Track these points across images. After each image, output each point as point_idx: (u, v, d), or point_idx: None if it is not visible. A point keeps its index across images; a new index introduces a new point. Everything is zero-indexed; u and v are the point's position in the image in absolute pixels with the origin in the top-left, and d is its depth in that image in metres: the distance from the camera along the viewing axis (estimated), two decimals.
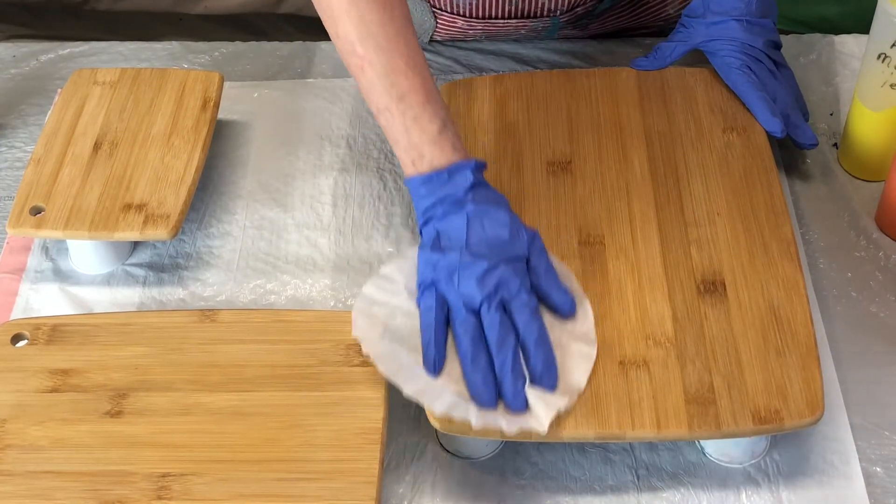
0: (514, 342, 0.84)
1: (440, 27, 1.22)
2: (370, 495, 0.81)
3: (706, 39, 1.10)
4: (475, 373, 0.84)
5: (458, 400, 0.83)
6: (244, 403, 0.87)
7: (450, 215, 0.89)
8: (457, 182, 0.89)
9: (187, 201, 1.01)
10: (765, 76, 1.06)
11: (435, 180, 0.89)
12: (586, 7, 1.19)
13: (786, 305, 0.89)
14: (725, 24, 1.08)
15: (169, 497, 0.82)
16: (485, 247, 0.87)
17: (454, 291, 0.86)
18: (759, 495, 0.87)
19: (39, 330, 0.93)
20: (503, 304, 0.86)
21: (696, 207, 0.97)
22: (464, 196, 0.89)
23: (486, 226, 0.88)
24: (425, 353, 0.86)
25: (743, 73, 1.06)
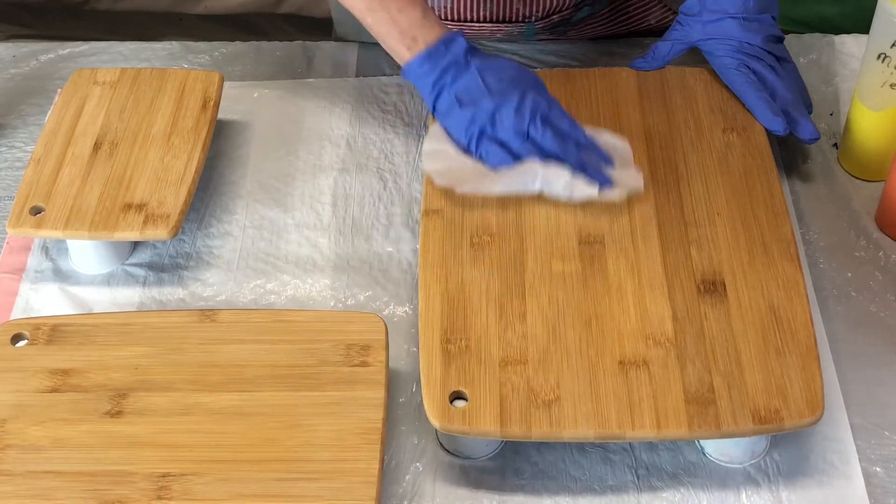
0: (573, 143, 0.97)
1: None
2: (370, 495, 0.81)
3: (703, 38, 1.09)
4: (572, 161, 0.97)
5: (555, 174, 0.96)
6: (244, 403, 0.87)
7: (461, 77, 0.98)
8: (454, 50, 0.99)
9: (187, 201, 1.01)
10: (765, 73, 1.06)
11: (434, 54, 0.98)
12: (563, 15, 1.19)
13: (786, 305, 0.89)
14: (722, 22, 1.08)
15: (169, 497, 0.82)
16: (505, 86, 0.97)
17: (502, 129, 0.97)
18: (759, 495, 0.87)
19: (39, 330, 0.93)
20: (547, 122, 0.97)
21: (696, 207, 0.97)
22: (465, 58, 0.98)
23: (496, 72, 0.98)
24: None
25: (740, 73, 1.05)
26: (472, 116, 0.97)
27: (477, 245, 0.95)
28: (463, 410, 0.85)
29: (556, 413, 0.84)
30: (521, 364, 0.87)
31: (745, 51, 1.07)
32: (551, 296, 0.91)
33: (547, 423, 0.84)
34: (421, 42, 0.99)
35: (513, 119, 0.96)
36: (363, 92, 1.19)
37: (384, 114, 1.17)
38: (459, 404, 0.85)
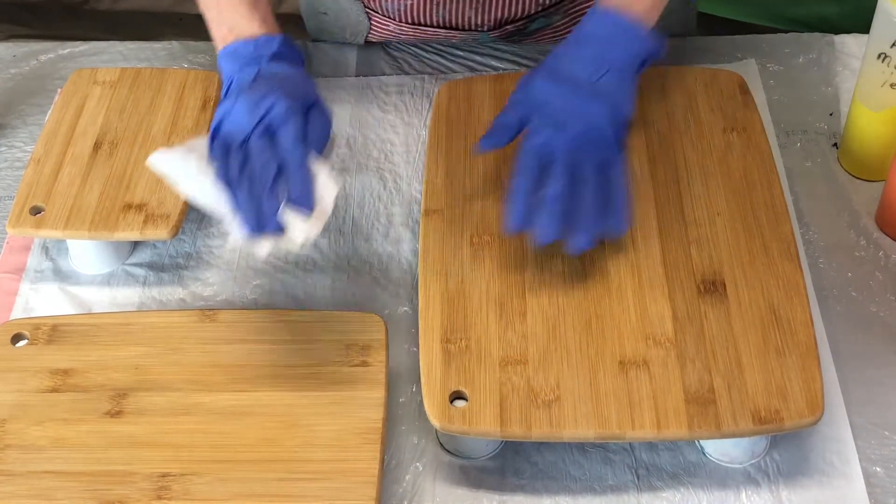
0: (274, 167, 0.85)
1: (374, 28, 1.23)
2: (370, 495, 0.81)
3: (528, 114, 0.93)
4: (238, 195, 0.85)
5: None
6: (244, 403, 0.87)
7: (245, 71, 0.91)
8: (261, 51, 0.92)
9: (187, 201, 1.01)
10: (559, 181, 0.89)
11: (241, 49, 0.93)
12: (516, 26, 1.20)
13: (786, 305, 0.89)
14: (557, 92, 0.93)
15: (169, 497, 0.82)
16: (266, 84, 0.89)
17: (231, 123, 0.88)
18: (759, 495, 0.87)
19: (39, 330, 0.93)
20: (271, 132, 0.87)
21: (696, 207, 0.97)
22: (265, 61, 0.92)
23: (275, 75, 0.91)
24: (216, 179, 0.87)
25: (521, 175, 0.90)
26: (223, 106, 0.90)
27: (477, 245, 0.95)
28: (463, 410, 0.85)
29: (556, 413, 0.84)
30: (521, 364, 0.87)
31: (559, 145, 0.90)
32: (551, 295, 0.91)
33: (547, 423, 0.84)
34: (234, 34, 0.94)
35: (240, 116, 0.87)
36: (363, 92, 1.19)
37: (384, 114, 1.17)
38: (459, 404, 0.85)
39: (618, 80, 0.91)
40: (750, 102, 1.05)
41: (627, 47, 0.92)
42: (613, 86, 0.91)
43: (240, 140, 0.87)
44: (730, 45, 1.22)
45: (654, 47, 0.93)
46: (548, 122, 0.90)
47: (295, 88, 0.89)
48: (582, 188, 0.88)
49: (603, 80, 0.91)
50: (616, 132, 0.90)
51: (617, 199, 0.89)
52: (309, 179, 0.85)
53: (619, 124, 0.90)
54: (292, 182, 0.85)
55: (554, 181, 0.88)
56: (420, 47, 1.23)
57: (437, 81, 1.19)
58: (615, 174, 0.90)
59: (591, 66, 0.91)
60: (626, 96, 0.92)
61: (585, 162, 0.89)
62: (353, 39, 1.24)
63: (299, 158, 0.86)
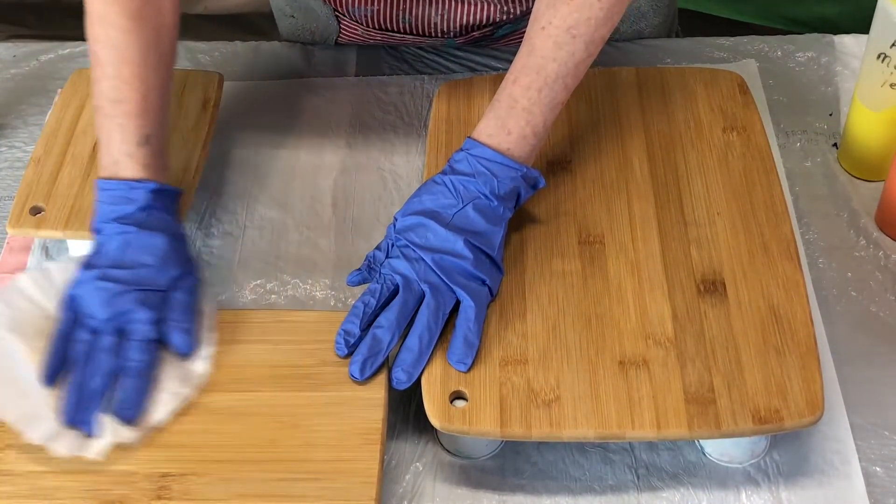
0: (109, 367, 0.86)
1: (343, 31, 1.23)
2: (370, 495, 0.81)
3: None
4: (71, 380, 0.86)
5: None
6: (244, 403, 0.87)
7: (109, 230, 0.91)
8: (133, 198, 0.91)
9: (188, 201, 1.01)
10: None
11: (116, 190, 0.91)
12: (483, 32, 1.20)
13: (786, 305, 0.89)
14: None
15: (169, 497, 0.82)
16: (127, 271, 0.89)
17: (85, 308, 0.88)
18: (759, 495, 0.87)
19: None
20: (121, 330, 0.88)
21: (696, 207, 0.97)
22: (132, 214, 0.91)
23: (137, 250, 0.90)
24: (43, 362, 0.87)
25: None
26: (80, 276, 0.89)
27: None
28: (463, 410, 0.85)
29: (556, 413, 0.84)
30: (521, 364, 0.87)
31: None
32: (551, 295, 0.91)
33: (547, 423, 0.84)
34: (116, 170, 0.92)
35: (94, 308, 0.88)
36: (363, 92, 1.19)
37: (384, 114, 1.17)
38: (459, 404, 0.85)
39: (481, 214, 0.91)
40: (750, 102, 1.05)
41: (492, 181, 0.91)
42: (475, 220, 0.90)
43: (89, 326, 0.88)
44: (730, 44, 1.22)
45: (526, 180, 0.92)
46: (406, 250, 0.91)
47: (157, 273, 0.90)
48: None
49: (463, 213, 0.91)
50: (474, 264, 0.89)
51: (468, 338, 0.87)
52: (142, 390, 0.86)
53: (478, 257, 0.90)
54: (123, 390, 0.86)
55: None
56: (420, 47, 1.23)
57: (437, 81, 1.19)
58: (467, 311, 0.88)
59: (454, 199, 0.91)
60: (492, 230, 0.91)
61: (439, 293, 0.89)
62: (323, 42, 1.24)
63: (137, 368, 0.86)
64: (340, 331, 0.89)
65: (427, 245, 0.90)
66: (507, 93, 0.92)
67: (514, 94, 0.92)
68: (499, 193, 0.91)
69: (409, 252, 0.90)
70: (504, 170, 0.91)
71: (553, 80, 0.91)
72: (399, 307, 0.88)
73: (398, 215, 0.93)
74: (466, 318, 0.88)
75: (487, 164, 0.91)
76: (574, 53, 0.91)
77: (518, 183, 0.92)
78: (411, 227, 0.91)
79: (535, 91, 0.91)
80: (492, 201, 0.91)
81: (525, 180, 0.92)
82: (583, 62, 0.92)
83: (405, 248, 0.91)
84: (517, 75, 0.92)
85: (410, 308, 0.89)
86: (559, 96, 0.92)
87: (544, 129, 0.93)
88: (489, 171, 0.91)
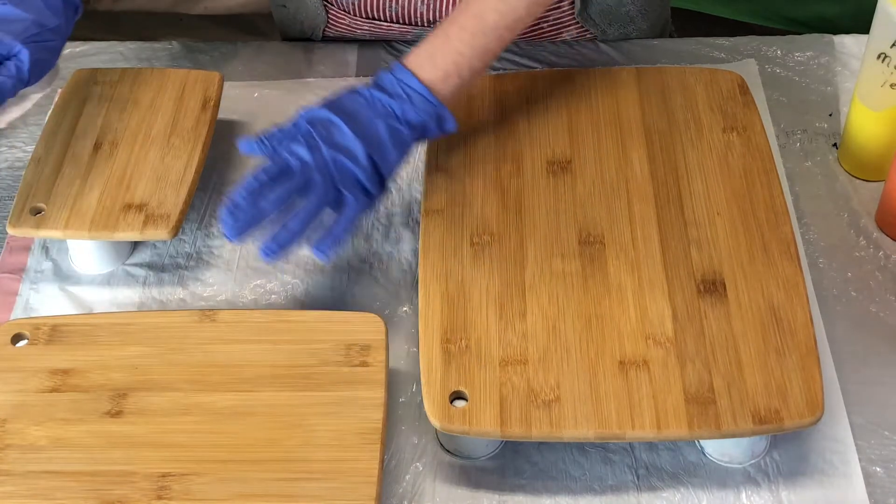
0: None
1: (331, 23, 1.23)
2: (370, 495, 0.81)
3: None
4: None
5: None
6: (244, 403, 0.87)
7: None
8: None
9: (187, 201, 1.01)
10: None
11: None
12: None
13: (786, 305, 0.89)
14: None
15: (169, 497, 0.82)
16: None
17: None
18: (759, 495, 0.87)
19: (39, 330, 0.93)
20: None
21: (696, 207, 0.97)
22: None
23: None
24: None
25: None
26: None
27: (477, 245, 0.95)
28: (463, 410, 0.85)
29: (556, 413, 0.84)
30: (521, 364, 0.87)
31: None
32: (551, 295, 0.91)
33: (547, 423, 0.84)
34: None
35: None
36: None
37: None
38: (459, 404, 0.85)
39: (389, 132, 0.94)
40: (750, 102, 1.05)
41: (407, 106, 0.94)
42: (381, 136, 0.94)
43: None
44: (730, 44, 1.22)
45: (438, 118, 0.95)
46: (311, 140, 0.93)
47: None
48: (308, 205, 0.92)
49: (372, 127, 0.94)
50: (367, 175, 0.93)
51: (334, 231, 0.92)
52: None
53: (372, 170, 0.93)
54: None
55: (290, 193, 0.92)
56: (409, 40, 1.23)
57: None
58: (347, 211, 0.93)
59: (369, 111, 0.94)
60: (392, 151, 0.94)
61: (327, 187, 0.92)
62: (311, 34, 1.25)
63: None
64: (228, 202, 0.91)
65: (331, 142, 0.93)
66: (443, 29, 0.96)
67: (450, 33, 0.96)
68: (409, 120, 0.94)
69: (314, 142, 0.93)
70: (420, 100, 0.94)
71: (490, 29, 0.96)
72: (289, 188, 0.92)
73: (313, 107, 0.95)
74: (345, 216, 0.92)
75: (408, 89, 0.95)
76: (516, 9, 0.96)
77: (429, 117, 0.95)
78: (322, 120, 0.94)
79: (469, 34, 0.95)
80: (401, 125, 0.94)
81: (437, 118, 0.95)
82: (521, 20, 0.97)
83: (311, 137, 0.93)
84: (458, 16, 0.96)
85: (298, 189, 0.92)
86: (492, 45, 0.96)
87: (470, 73, 0.96)
88: (407, 96, 0.94)
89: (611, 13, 1.20)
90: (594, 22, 1.21)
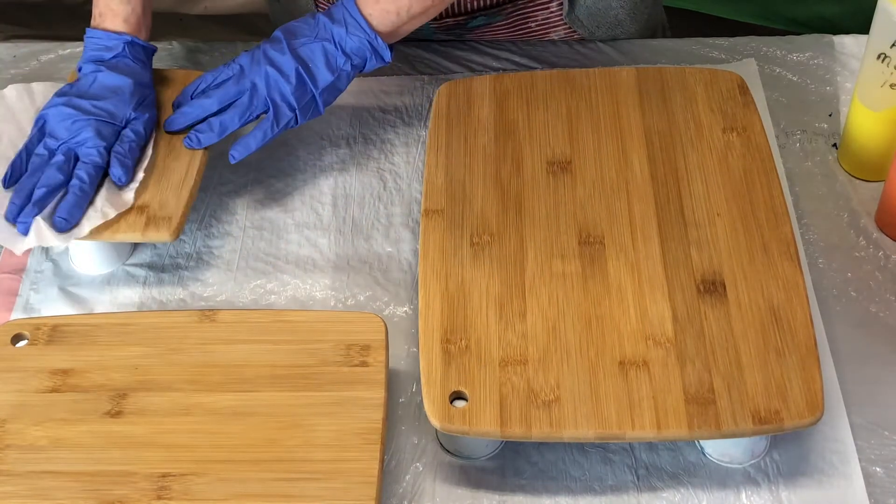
0: (55, 182, 0.97)
1: None
2: (370, 495, 0.81)
3: None
4: (15, 191, 0.99)
5: None
6: (244, 403, 0.87)
7: (86, 69, 1.04)
8: (111, 46, 1.05)
9: (189, 203, 1.00)
10: None
11: (98, 38, 1.05)
12: (457, 20, 1.20)
13: (786, 305, 0.89)
14: None
15: (169, 497, 0.82)
16: (90, 101, 1.01)
17: (49, 127, 1.01)
18: (759, 495, 0.87)
19: (39, 330, 0.93)
20: (74, 152, 1.00)
21: (696, 207, 0.97)
22: (107, 59, 1.05)
23: (103, 87, 1.03)
24: (7, 168, 1.00)
25: None
26: (52, 100, 1.03)
27: (477, 245, 0.95)
28: (463, 410, 0.85)
29: (556, 413, 0.84)
30: (521, 364, 0.87)
31: None
32: (551, 296, 0.91)
33: (547, 423, 0.84)
34: (100, 21, 1.06)
35: (56, 128, 1.01)
36: (363, 92, 1.19)
37: (384, 114, 1.17)
38: (459, 404, 0.85)
39: (324, 54, 1.03)
40: (749, 102, 1.05)
41: (344, 33, 1.03)
42: (316, 56, 1.03)
43: (48, 144, 1.00)
44: (730, 45, 1.22)
45: (374, 48, 1.03)
46: (256, 51, 1.04)
47: (115, 107, 1.02)
48: None
49: (310, 47, 1.03)
50: (292, 89, 1.02)
51: (248, 137, 1.03)
52: (79, 206, 0.97)
53: (299, 86, 1.02)
54: (63, 203, 0.97)
55: None
56: (420, 47, 1.23)
57: (437, 81, 1.19)
58: (265, 121, 1.03)
59: (311, 32, 1.04)
60: (324, 72, 1.03)
61: None
62: None
63: (79, 186, 0.98)
64: (175, 104, 1.05)
65: (268, 56, 1.02)
66: None
67: None
68: (344, 46, 1.03)
69: (257, 54, 1.03)
70: (359, 29, 1.03)
71: None
72: (227, 90, 1.03)
73: None
74: (263, 125, 1.02)
75: (349, 18, 1.03)
76: None
77: (365, 46, 1.03)
78: (273, 38, 1.04)
79: None
80: (337, 49, 1.03)
81: (371, 48, 1.03)
82: None
83: (256, 50, 1.04)
84: None
85: (231, 95, 1.03)
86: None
87: (408, 15, 1.03)
88: (346, 24, 1.03)
89: (599, 15, 1.21)
90: (582, 23, 1.21)
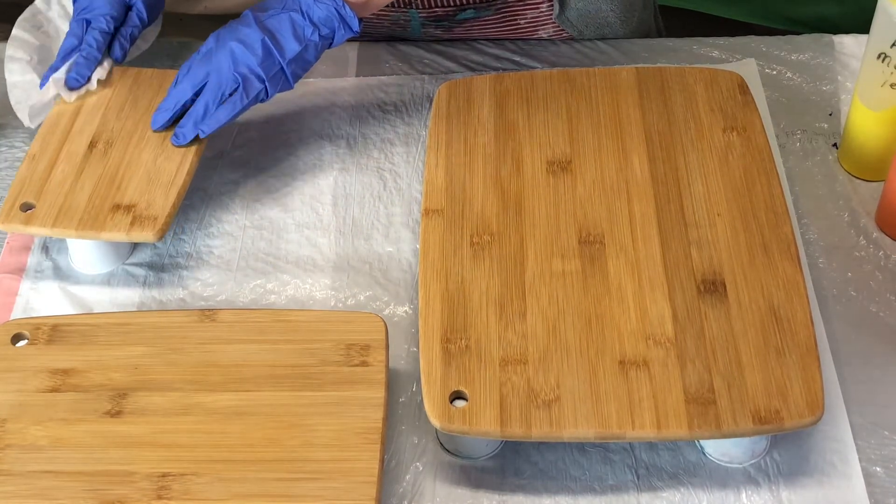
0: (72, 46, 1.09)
1: None
2: (370, 495, 0.81)
3: None
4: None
5: None
6: (244, 403, 0.87)
7: None
8: None
9: (176, 204, 1.00)
10: None
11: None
12: (446, 10, 1.20)
13: (786, 305, 0.89)
14: None
15: (169, 497, 0.82)
16: None
17: (77, 4, 1.12)
18: (759, 495, 0.87)
19: (39, 330, 0.93)
20: (90, 21, 1.10)
21: (696, 207, 0.97)
22: None
23: None
24: None
25: None
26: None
27: (477, 245, 0.95)
28: (463, 410, 0.85)
29: (556, 413, 0.84)
30: (521, 364, 0.87)
31: None
32: (551, 295, 0.91)
33: (547, 423, 0.84)
34: None
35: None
36: (363, 92, 1.19)
37: (384, 114, 1.17)
38: (459, 404, 0.85)
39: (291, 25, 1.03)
40: (750, 102, 1.05)
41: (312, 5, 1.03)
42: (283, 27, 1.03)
43: (77, 18, 1.11)
44: (730, 44, 1.22)
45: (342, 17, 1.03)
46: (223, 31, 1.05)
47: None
48: None
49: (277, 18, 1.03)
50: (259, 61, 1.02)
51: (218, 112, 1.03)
52: (88, 67, 1.08)
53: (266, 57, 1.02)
54: (76, 64, 1.09)
55: None
56: (420, 47, 1.23)
57: (437, 81, 1.19)
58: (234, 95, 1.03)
59: (279, 5, 1.04)
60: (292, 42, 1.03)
61: None
62: None
63: (88, 50, 1.08)
64: None
65: (232, 31, 1.03)
66: None
67: None
68: (312, 16, 1.03)
69: (223, 31, 1.04)
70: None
71: None
72: (194, 72, 1.04)
73: None
74: (232, 99, 1.02)
75: None
76: None
77: (333, 15, 1.03)
78: (243, 14, 1.05)
79: None
80: (305, 20, 1.03)
81: (340, 17, 1.03)
82: None
83: (223, 28, 1.04)
84: None
85: (200, 77, 1.03)
86: None
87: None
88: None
89: (589, 17, 1.21)
90: (572, 24, 1.21)
